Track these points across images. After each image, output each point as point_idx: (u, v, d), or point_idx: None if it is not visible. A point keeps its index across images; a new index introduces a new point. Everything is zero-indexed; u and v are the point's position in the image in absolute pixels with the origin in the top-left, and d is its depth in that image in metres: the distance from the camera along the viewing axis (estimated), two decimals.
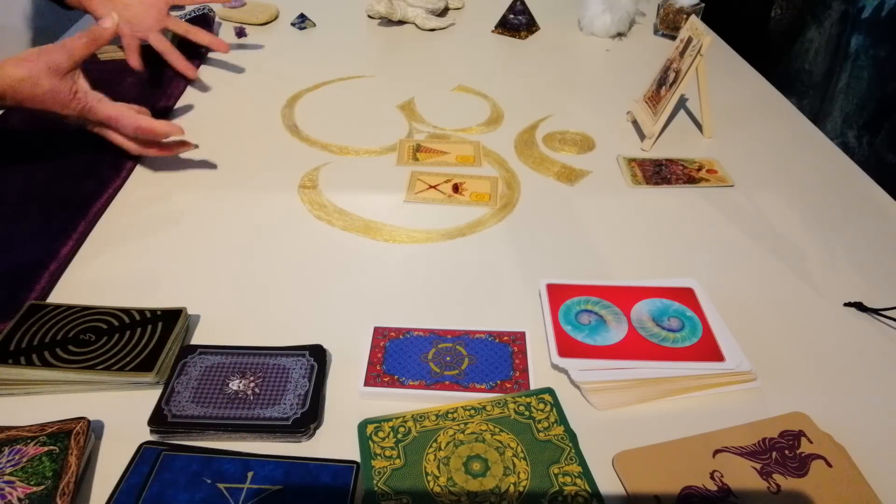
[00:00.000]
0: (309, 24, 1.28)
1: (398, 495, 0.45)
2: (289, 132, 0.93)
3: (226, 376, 0.53)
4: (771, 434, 0.49)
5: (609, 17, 1.21)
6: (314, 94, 1.03)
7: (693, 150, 0.89)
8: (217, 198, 0.79)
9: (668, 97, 0.86)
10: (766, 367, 0.56)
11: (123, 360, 0.54)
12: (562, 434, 0.49)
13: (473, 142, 0.91)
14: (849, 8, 1.44)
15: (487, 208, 0.78)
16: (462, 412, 0.51)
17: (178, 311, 0.59)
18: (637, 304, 0.60)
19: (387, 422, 0.50)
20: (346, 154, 0.88)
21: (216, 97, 1.02)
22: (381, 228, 0.74)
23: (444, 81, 1.07)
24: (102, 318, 0.58)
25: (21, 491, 0.44)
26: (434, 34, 1.26)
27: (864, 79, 1.39)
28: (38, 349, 0.54)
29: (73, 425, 0.48)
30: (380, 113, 0.98)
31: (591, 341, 0.56)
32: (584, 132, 0.93)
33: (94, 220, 0.74)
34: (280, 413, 0.50)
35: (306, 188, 0.80)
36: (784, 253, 0.70)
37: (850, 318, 0.62)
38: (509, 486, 0.46)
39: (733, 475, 0.47)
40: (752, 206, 0.78)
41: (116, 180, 0.80)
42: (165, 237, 0.72)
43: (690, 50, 0.84)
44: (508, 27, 1.26)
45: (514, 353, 0.56)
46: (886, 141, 1.31)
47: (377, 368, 0.55)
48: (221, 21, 1.28)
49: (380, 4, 1.25)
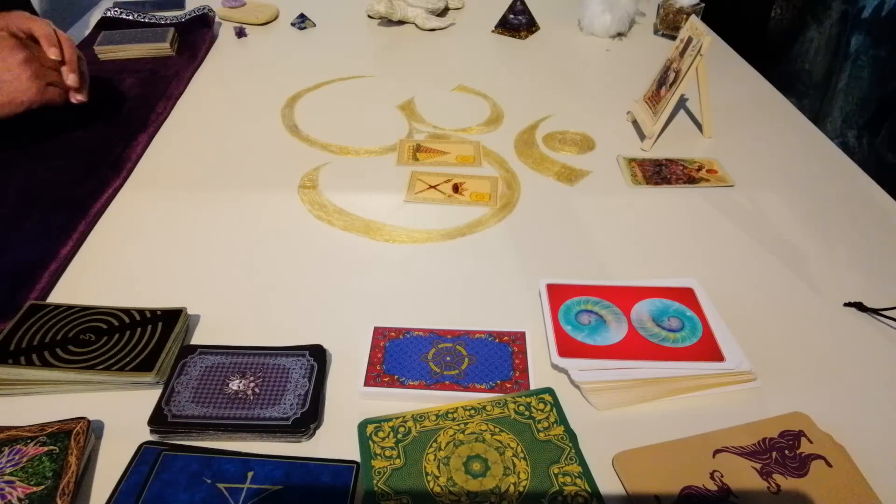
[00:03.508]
0: (309, 24, 1.28)
1: (398, 495, 0.45)
2: (289, 132, 0.93)
3: (226, 376, 0.53)
4: (771, 434, 0.49)
5: (609, 17, 1.21)
6: (314, 94, 1.03)
7: (693, 150, 0.89)
8: (217, 198, 0.79)
9: (668, 97, 0.86)
10: (766, 367, 0.56)
11: (123, 360, 0.54)
12: (562, 434, 0.49)
13: (473, 142, 0.91)
14: (849, 8, 1.44)
15: (487, 208, 0.78)
16: (462, 412, 0.51)
17: (178, 311, 0.59)
18: (637, 304, 0.60)
19: (387, 422, 0.50)
20: (346, 154, 0.88)
21: (216, 97, 1.02)
22: (381, 228, 0.74)
23: (444, 81, 1.07)
24: (102, 318, 0.58)
25: (21, 491, 0.44)
26: (434, 34, 1.26)
27: (864, 79, 1.39)
28: (38, 349, 0.54)
29: (73, 425, 0.48)
30: (380, 113, 0.98)
31: (591, 341, 0.56)
32: (584, 132, 0.93)
33: (94, 220, 0.74)
34: (280, 413, 0.50)
35: (306, 188, 0.80)
36: (784, 253, 0.70)
37: (850, 318, 0.62)
38: (509, 486, 0.46)
39: (733, 475, 0.47)
40: (752, 206, 0.78)
41: (116, 180, 0.80)
42: (165, 237, 0.72)
43: (690, 50, 0.84)
44: (508, 27, 1.26)
45: (514, 353, 0.56)
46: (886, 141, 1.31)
47: (377, 368, 0.55)
48: (221, 21, 1.28)
49: (380, 4, 1.25)
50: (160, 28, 1.18)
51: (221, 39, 1.23)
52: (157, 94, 0.99)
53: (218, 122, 0.95)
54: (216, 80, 1.08)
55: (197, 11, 1.25)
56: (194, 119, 0.96)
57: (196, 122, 0.95)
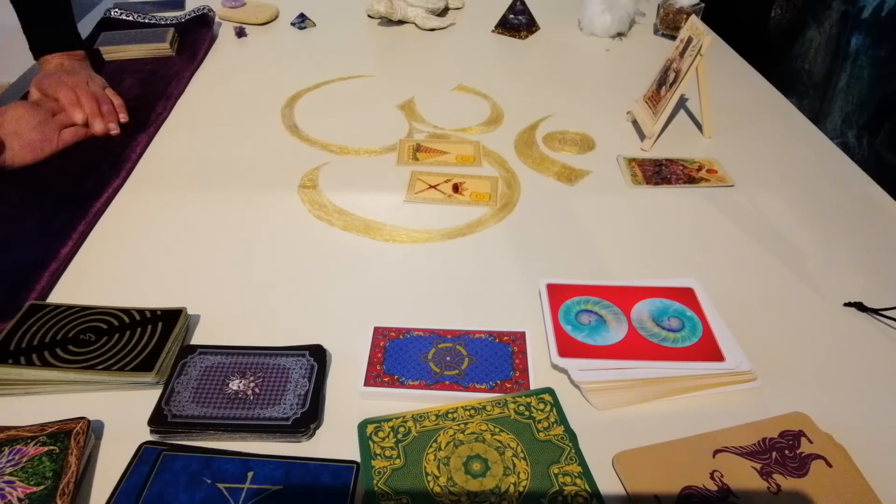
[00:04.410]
0: (309, 24, 1.28)
1: (398, 495, 0.45)
2: (289, 132, 0.93)
3: (226, 376, 0.53)
4: (771, 434, 0.49)
5: (609, 17, 1.21)
6: (314, 94, 1.03)
7: (693, 150, 0.89)
8: (217, 198, 0.79)
9: (668, 97, 0.86)
10: (766, 367, 0.56)
11: (123, 360, 0.54)
12: (562, 434, 0.49)
13: (473, 142, 0.91)
14: (849, 8, 1.44)
15: (487, 208, 0.78)
16: (462, 412, 0.51)
17: (178, 311, 0.59)
18: (637, 304, 0.60)
19: (387, 422, 0.50)
20: (346, 154, 0.88)
21: (216, 97, 1.02)
22: (381, 228, 0.74)
23: (444, 81, 1.07)
24: (102, 318, 0.58)
25: (21, 491, 0.44)
26: (434, 34, 1.26)
27: (864, 79, 1.39)
28: (38, 349, 0.54)
29: (73, 425, 0.48)
30: (380, 113, 0.98)
31: (591, 341, 0.56)
32: (584, 132, 0.93)
33: (94, 220, 0.74)
34: (280, 413, 0.50)
35: (306, 188, 0.80)
36: (784, 253, 0.70)
37: (850, 318, 0.62)
38: (509, 486, 0.46)
39: (733, 475, 0.47)
40: (752, 206, 0.78)
41: (116, 180, 0.80)
42: (165, 237, 0.72)
43: (690, 50, 0.84)
44: (508, 27, 1.26)
45: (514, 353, 0.56)
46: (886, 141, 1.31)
47: (377, 368, 0.55)
48: (221, 21, 1.28)
49: (380, 4, 1.25)
50: (160, 28, 1.18)
51: (221, 39, 1.23)
52: (157, 94, 1.00)
53: (218, 122, 0.95)
54: (216, 79, 1.08)
55: (197, 11, 1.25)
56: (194, 119, 0.96)
57: (196, 122, 0.95)
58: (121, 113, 0.91)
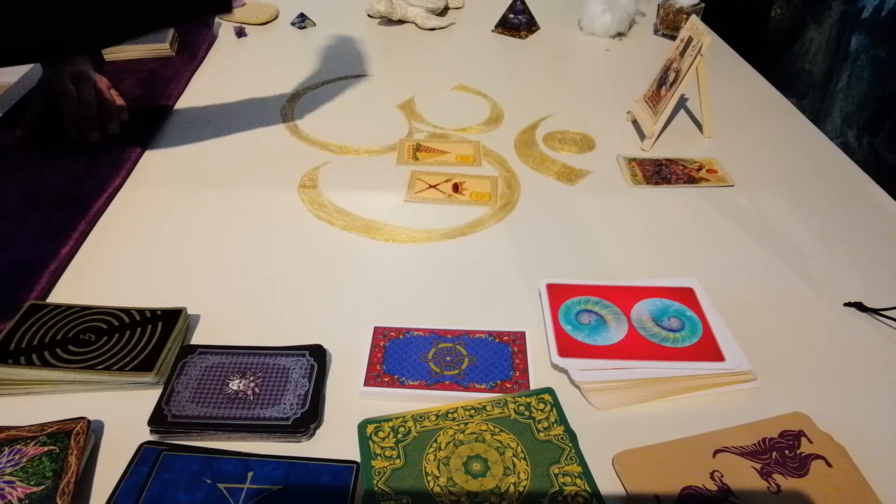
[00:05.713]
0: (309, 24, 1.28)
1: (398, 495, 0.45)
2: (289, 132, 0.93)
3: (226, 376, 0.53)
4: (771, 434, 0.49)
5: (609, 17, 1.21)
6: (314, 94, 1.03)
7: (693, 150, 0.89)
8: (217, 197, 0.79)
9: (668, 97, 0.86)
10: (766, 367, 0.56)
11: (123, 360, 0.54)
12: (562, 434, 0.49)
13: (473, 141, 0.91)
14: (849, 8, 1.43)
15: (487, 208, 0.78)
16: (462, 412, 0.51)
17: (178, 311, 0.59)
18: (637, 304, 0.60)
19: (387, 422, 0.50)
20: (346, 153, 0.88)
21: (216, 97, 1.02)
22: (381, 228, 0.74)
23: (443, 81, 1.07)
24: (102, 318, 0.58)
25: (21, 491, 0.44)
26: (434, 34, 1.26)
27: (864, 79, 1.39)
28: (38, 349, 0.54)
29: (73, 425, 0.48)
30: (380, 112, 0.98)
31: (591, 341, 0.56)
32: (584, 132, 0.93)
33: (94, 220, 0.74)
34: (280, 413, 0.50)
35: (306, 188, 0.80)
36: (784, 253, 0.70)
37: (850, 318, 0.62)
38: (509, 486, 0.46)
39: (733, 475, 0.47)
40: (752, 206, 0.78)
41: (116, 180, 0.80)
42: (165, 237, 0.72)
43: (690, 50, 0.84)
44: (508, 27, 1.26)
45: (514, 352, 0.56)
46: (886, 141, 1.31)
47: (377, 368, 0.55)
48: (221, 21, 1.28)
49: (380, 4, 1.25)
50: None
51: (221, 39, 1.23)
52: (157, 94, 0.99)
53: (218, 121, 0.95)
54: (216, 79, 1.08)
55: None
56: (194, 119, 0.96)
57: (196, 122, 0.95)
58: (121, 113, 0.91)
